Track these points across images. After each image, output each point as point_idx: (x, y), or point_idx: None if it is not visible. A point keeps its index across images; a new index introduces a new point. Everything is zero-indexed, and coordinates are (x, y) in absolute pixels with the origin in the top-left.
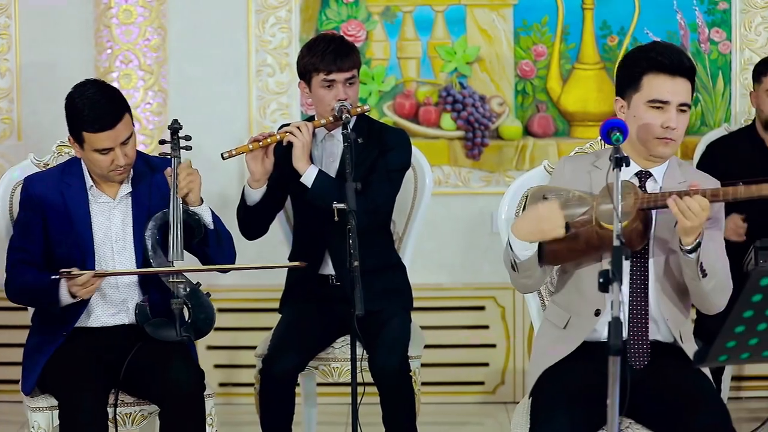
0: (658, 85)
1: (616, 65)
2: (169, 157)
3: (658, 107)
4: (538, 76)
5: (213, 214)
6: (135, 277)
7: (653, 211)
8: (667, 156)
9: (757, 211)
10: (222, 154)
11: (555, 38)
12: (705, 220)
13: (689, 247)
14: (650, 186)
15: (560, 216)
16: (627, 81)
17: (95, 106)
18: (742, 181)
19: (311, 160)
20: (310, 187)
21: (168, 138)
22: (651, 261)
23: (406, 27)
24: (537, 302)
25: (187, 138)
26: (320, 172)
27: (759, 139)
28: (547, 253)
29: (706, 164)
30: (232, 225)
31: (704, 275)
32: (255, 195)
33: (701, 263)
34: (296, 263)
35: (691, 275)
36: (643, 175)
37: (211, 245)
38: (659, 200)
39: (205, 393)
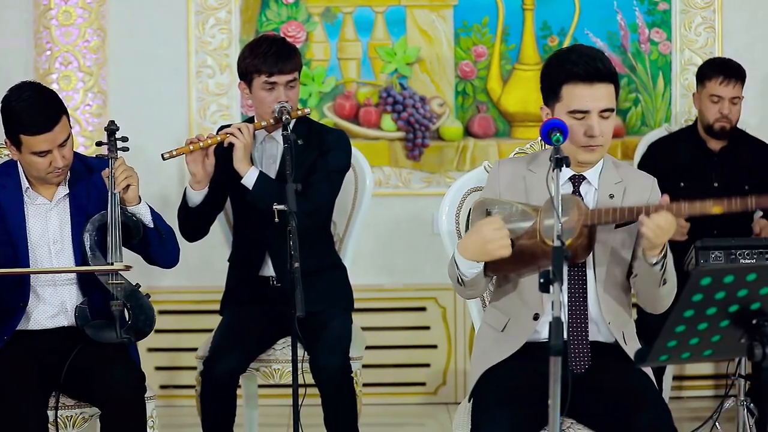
0: (576, 95)
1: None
2: (106, 158)
3: (579, 117)
4: (478, 76)
5: (153, 211)
6: (74, 279)
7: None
8: (594, 161)
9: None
10: (162, 155)
11: (495, 39)
12: (671, 234)
13: (655, 260)
14: (584, 189)
15: (505, 236)
16: (548, 91)
17: (32, 109)
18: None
19: (251, 161)
20: (251, 188)
21: (105, 140)
22: (591, 262)
23: (347, 28)
24: (478, 304)
25: (124, 139)
26: (261, 173)
27: (700, 140)
28: (492, 265)
29: (647, 164)
30: (172, 226)
31: (665, 283)
32: (196, 197)
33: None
34: (121, 266)
35: (650, 282)
36: (577, 180)
37: (153, 244)
38: (603, 217)
39: (146, 395)
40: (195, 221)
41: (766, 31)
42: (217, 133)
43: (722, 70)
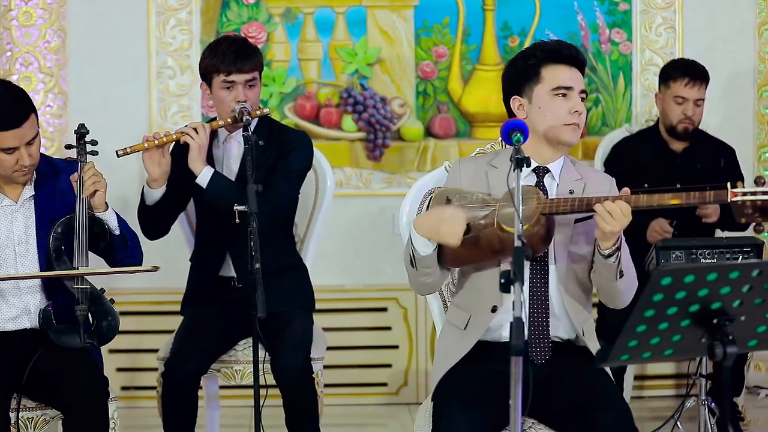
0: (559, 73)
1: (503, 71)
2: (75, 161)
3: (563, 94)
4: (439, 77)
5: (119, 218)
6: (38, 282)
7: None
8: (574, 143)
9: (672, 214)
10: (116, 151)
11: (456, 39)
12: (624, 225)
13: (607, 252)
14: (548, 182)
15: (461, 224)
16: (524, 77)
17: (1, 105)
18: (652, 189)
19: (212, 161)
20: (205, 188)
21: (73, 142)
22: (552, 258)
23: (307, 28)
24: (439, 303)
25: (94, 143)
26: (215, 173)
27: (663, 141)
28: (447, 254)
29: (611, 165)
30: (133, 226)
31: (621, 276)
32: (154, 195)
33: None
34: (149, 267)
35: (608, 276)
36: (541, 171)
37: (119, 250)
38: (561, 205)
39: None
40: (154, 219)
41: (727, 31)
42: (173, 132)
43: (688, 72)
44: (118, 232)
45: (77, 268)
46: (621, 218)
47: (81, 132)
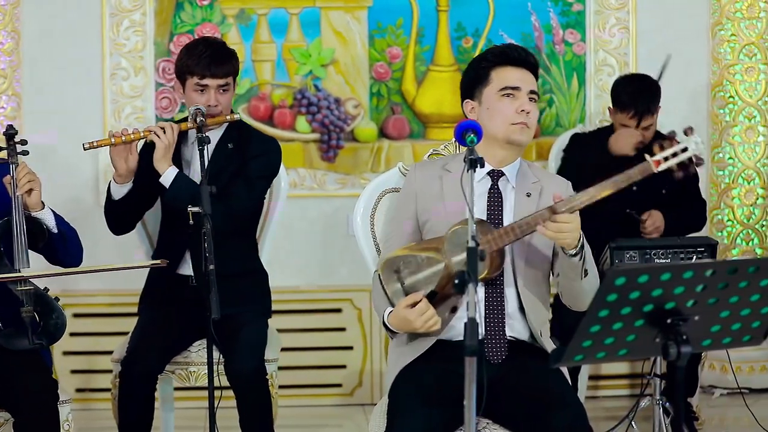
0: (506, 74)
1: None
2: (6, 163)
3: (509, 95)
4: (393, 78)
5: (56, 215)
6: None
7: (507, 210)
8: (524, 143)
9: (604, 209)
10: (83, 144)
11: (410, 40)
12: (578, 229)
13: (573, 251)
14: (502, 185)
15: (435, 320)
16: (475, 80)
17: None
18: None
19: (179, 161)
20: (167, 187)
21: (3, 144)
22: (508, 259)
23: (261, 30)
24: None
25: (23, 142)
26: (179, 174)
27: None
28: None
29: (571, 152)
30: (86, 227)
31: (586, 274)
32: (120, 190)
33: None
34: (157, 262)
35: (572, 276)
36: (496, 174)
37: (58, 248)
38: (510, 237)
39: (61, 399)
40: (119, 215)
41: (679, 32)
42: (141, 130)
43: (634, 103)
44: (56, 230)
45: (19, 271)
46: (570, 228)
47: (9, 133)
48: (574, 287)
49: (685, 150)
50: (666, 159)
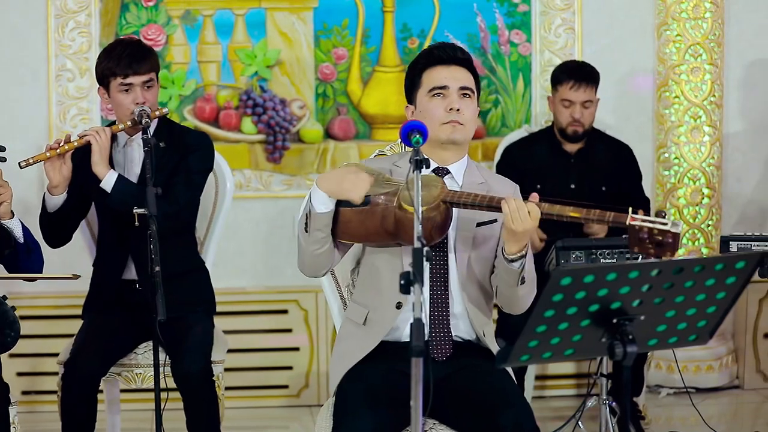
0: (434, 74)
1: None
2: None
3: (438, 94)
4: (338, 79)
5: (24, 227)
6: None
7: (455, 210)
8: (458, 141)
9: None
10: (19, 163)
11: (355, 41)
12: (531, 228)
13: (512, 257)
14: (448, 183)
15: (365, 183)
16: (411, 85)
17: None
18: (555, 200)
19: (112, 165)
20: (110, 192)
21: None
22: (452, 259)
23: (207, 31)
24: (338, 303)
25: (2, 149)
26: (120, 176)
27: (557, 142)
28: (340, 225)
29: (504, 166)
30: (34, 233)
31: (522, 282)
32: (55, 201)
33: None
34: (68, 275)
35: (509, 281)
36: (441, 172)
37: (21, 258)
38: (463, 197)
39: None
40: (56, 226)
41: (625, 32)
42: (74, 139)
43: (573, 75)
44: (22, 240)
45: None
46: (528, 220)
47: None
48: (510, 291)
49: (663, 224)
50: (643, 221)
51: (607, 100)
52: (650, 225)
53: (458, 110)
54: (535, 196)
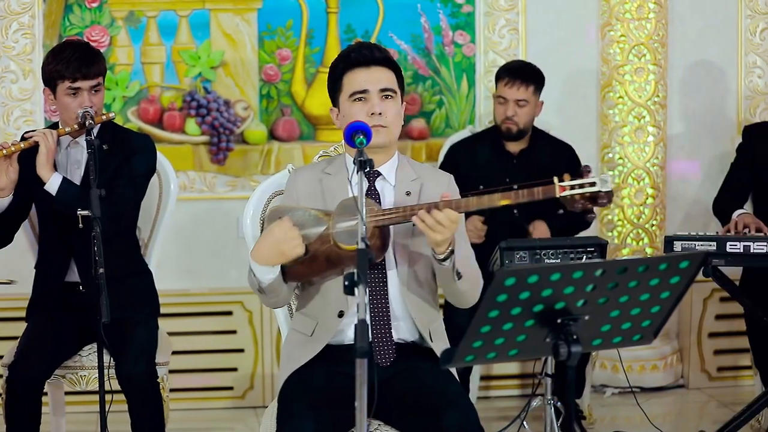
0: (354, 78)
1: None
2: None
3: (359, 99)
4: (282, 80)
5: None
6: None
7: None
8: (384, 144)
9: (493, 211)
10: None
11: (299, 42)
12: (454, 231)
13: (442, 256)
14: (380, 185)
15: (296, 234)
16: (333, 88)
17: None
18: (482, 190)
19: (55, 167)
20: (54, 194)
21: None
22: (391, 261)
23: (150, 32)
24: (284, 309)
25: None
26: (64, 179)
27: (499, 141)
28: (290, 273)
29: (448, 166)
30: None
31: (459, 277)
32: (1, 203)
33: (456, 268)
34: (5, 281)
35: (447, 279)
36: (372, 175)
37: None
38: (395, 217)
39: None
40: (1, 229)
41: (569, 33)
42: (21, 140)
43: (509, 73)
44: None
45: None
46: (450, 226)
47: None
48: (452, 288)
49: (592, 185)
50: (572, 188)
51: (552, 101)
52: (580, 191)
53: (380, 114)
54: (445, 195)
